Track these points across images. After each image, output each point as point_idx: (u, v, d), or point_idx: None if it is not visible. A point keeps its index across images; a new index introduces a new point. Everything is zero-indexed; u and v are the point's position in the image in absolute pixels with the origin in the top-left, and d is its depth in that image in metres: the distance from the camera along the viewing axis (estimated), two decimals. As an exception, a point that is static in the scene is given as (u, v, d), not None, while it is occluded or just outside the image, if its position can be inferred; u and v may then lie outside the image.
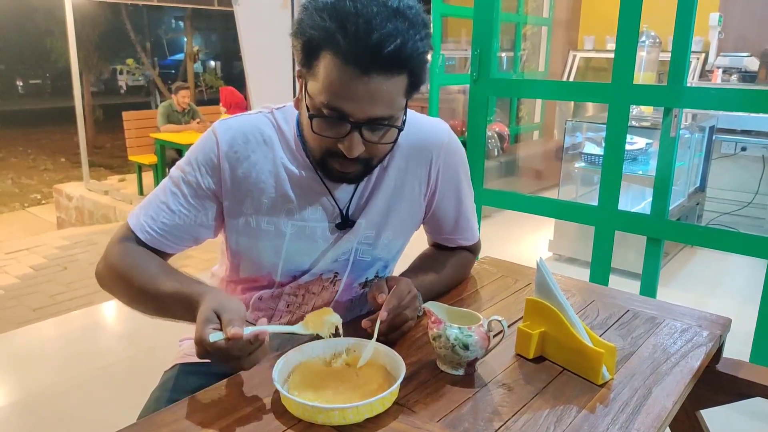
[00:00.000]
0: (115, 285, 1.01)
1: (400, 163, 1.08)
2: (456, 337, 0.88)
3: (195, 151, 1.02)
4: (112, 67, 15.52)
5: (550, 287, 0.94)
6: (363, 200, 1.06)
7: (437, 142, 1.11)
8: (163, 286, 0.93)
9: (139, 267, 0.98)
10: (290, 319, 1.10)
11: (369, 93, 0.84)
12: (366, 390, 0.82)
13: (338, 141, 0.89)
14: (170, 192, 1.01)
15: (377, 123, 0.88)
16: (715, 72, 4.52)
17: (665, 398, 0.86)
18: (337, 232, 1.06)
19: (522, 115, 6.04)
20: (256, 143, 1.01)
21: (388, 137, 0.92)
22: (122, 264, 0.99)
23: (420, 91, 0.95)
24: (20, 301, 3.56)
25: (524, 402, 0.85)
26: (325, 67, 0.84)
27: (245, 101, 5.62)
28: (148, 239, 1.01)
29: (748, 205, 4.12)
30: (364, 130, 0.88)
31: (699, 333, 1.06)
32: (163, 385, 1.13)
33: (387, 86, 0.85)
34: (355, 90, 0.84)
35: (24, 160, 10.69)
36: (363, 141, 0.89)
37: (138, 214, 1.03)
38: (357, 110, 0.86)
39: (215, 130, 1.01)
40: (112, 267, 1.00)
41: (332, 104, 0.86)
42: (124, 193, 6.16)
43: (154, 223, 1.01)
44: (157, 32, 17.36)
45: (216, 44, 19.09)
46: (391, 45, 0.81)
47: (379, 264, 1.13)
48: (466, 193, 1.19)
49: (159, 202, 1.01)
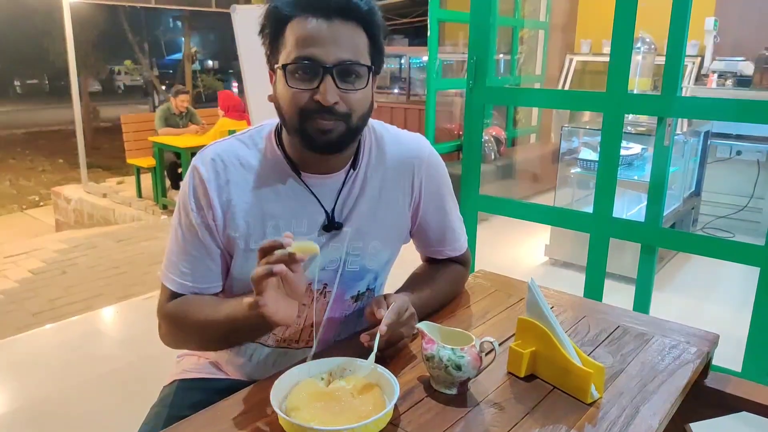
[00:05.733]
0: (185, 341, 1.10)
1: (383, 173, 1.11)
2: (449, 358, 0.90)
3: (184, 192, 1.05)
4: (109, 67, 15.53)
5: (541, 307, 0.96)
6: (348, 208, 1.09)
7: (418, 155, 1.15)
8: (218, 317, 0.99)
9: (193, 315, 1.02)
10: (284, 333, 1.12)
11: (333, 36, 0.93)
12: (361, 411, 0.84)
13: (314, 93, 0.94)
14: (183, 240, 1.05)
15: (346, 65, 0.94)
16: (711, 76, 4.55)
17: (651, 417, 0.88)
18: (325, 235, 1.07)
19: (519, 118, 6.06)
20: (233, 167, 1.04)
21: (359, 83, 0.97)
22: (179, 321, 1.04)
23: (418, 94, 0.99)
24: (20, 305, 3.58)
25: (515, 421, 0.87)
26: (291, 31, 0.95)
27: (243, 104, 5.64)
28: (189, 291, 1.06)
29: (743, 209, 4.15)
30: (335, 77, 0.94)
31: (687, 350, 1.09)
32: (162, 401, 1.15)
33: (348, 31, 0.94)
34: (320, 34, 0.93)
35: (22, 162, 10.69)
36: (337, 90, 0.94)
37: (169, 274, 1.06)
38: (325, 54, 0.93)
39: (194, 166, 1.05)
40: (173, 327, 1.06)
41: (302, 54, 0.93)
42: (122, 195, 6.18)
43: (185, 276, 1.05)
44: (155, 33, 17.36)
45: (214, 44, 19.08)
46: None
47: (369, 276, 1.15)
48: (450, 206, 1.22)
49: (180, 253, 1.05)
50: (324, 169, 1.06)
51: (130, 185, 6.39)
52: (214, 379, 1.18)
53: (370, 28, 0.97)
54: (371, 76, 0.99)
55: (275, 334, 1.11)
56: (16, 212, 7.72)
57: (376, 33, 0.98)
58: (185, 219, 1.05)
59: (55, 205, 6.61)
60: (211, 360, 1.20)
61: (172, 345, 1.10)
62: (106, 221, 5.82)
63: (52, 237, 5.38)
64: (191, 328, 1.03)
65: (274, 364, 1.13)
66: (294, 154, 1.05)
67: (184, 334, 1.06)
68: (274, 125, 1.08)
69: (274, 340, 1.12)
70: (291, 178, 1.05)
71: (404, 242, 1.22)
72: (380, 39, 0.99)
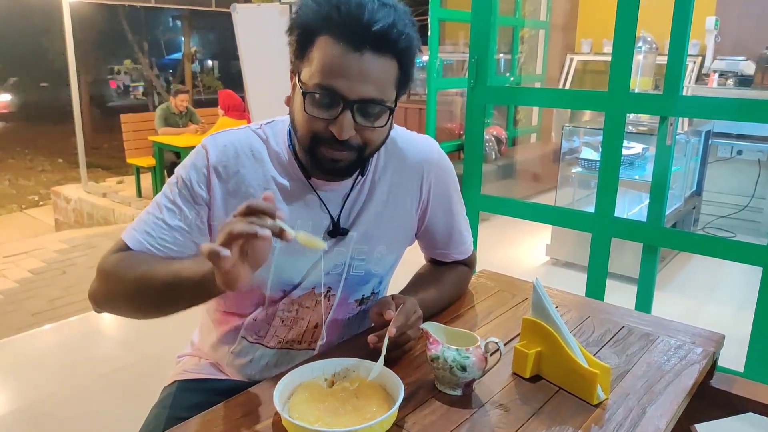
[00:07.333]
0: (114, 295, 0.98)
1: (392, 177, 1.10)
2: (454, 359, 0.89)
3: (186, 166, 1.01)
4: (109, 67, 15.51)
5: (546, 308, 0.96)
6: (355, 213, 1.07)
7: (428, 158, 1.13)
8: (160, 269, 0.91)
9: (134, 266, 0.94)
10: (287, 335, 1.11)
11: (361, 71, 0.88)
12: (365, 412, 0.84)
13: (330, 123, 0.91)
14: (166, 208, 1.00)
15: (368, 103, 0.90)
16: (712, 76, 4.54)
17: (659, 419, 0.87)
18: (329, 241, 1.06)
19: (519, 118, 6.06)
20: (245, 158, 1.01)
21: (379, 122, 0.93)
22: (117, 271, 0.95)
23: (418, 93, 0.97)
24: (20, 305, 3.57)
25: (521, 423, 0.86)
26: (319, 49, 0.89)
27: (243, 104, 5.62)
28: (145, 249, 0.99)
29: (744, 208, 4.15)
30: (355, 112, 0.90)
31: (693, 350, 1.08)
32: (162, 402, 1.14)
33: (378, 66, 0.88)
34: (348, 67, 0.87)
35: (21, 161, 10.67)
36: (354, 124, 0.91)
37: (134, 232, 0.99)
38: (349, 88, 0.88)
39: (204, 145, 1.01)
40: (107, 276, 0.97)
41: (325, 83, 0.89)
42: (122, 195, 6.16)
43: (153, 240, 0.98)
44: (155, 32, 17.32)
45: (214, 43, 19.03)
46: (381, 23, 0.86)
47: (374, 280, 1.14)
48: (458, 209, 1.21)
49: (155, 218, 0.99)
50: (332, 177, 1.03)
51: (130, 185, 6.38)
52: (214, 379, 1.16)
53: (404, 61, 0.92)
54: (392, 114, 0.96)
55: (278, 336, 1.10)
56: (15, 212, 7.70)
57: (409, 65, 0.93)
58: (174, 187, 1.00)
59: (55, 205, 6.59)
60: (211, 361, 1.19)
61: (100, 302, 0.99)
62: (106, 221, 5.81)
63: (52, 237, 5.37)
64: (128, 282, 0.93)
65: (276, 366, 1.11)
66: (304, 158, 1.02)
67: (117, 286, 0.96)
68: (287, 125, 1.05)
69: (276, 341, 1.10)
70: (299, 181, 1.03)
71: (409, 244, 1.20)
72: (412, 69, 0.95)
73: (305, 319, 1.10)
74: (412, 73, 0.95)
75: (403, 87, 0.96)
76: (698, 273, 3.53)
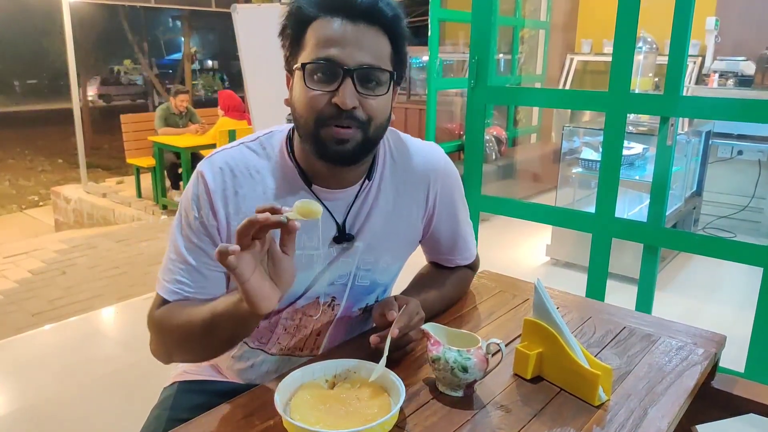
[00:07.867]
0: (170, 349, 1.00)
1: (398, 185, 1.09)
2: (455, 360, 0.89)
3: (188, 198, 1.00)
4: (109, 67, 15.50)
5: (548, 309, 0.95)
6: (360, 220, 1.06)
7: (434, 166, 1.12)
8: (198, 312, 0.92)
9: (176, 317, 0.96)
10: (289, 342, 1.10)
11: (357, 39, 0.91)
12: (366, 413, 0.83)
13: (332, 96, 0.91)
14: (188, 251, 0.98)
15: (367, 69, 0.91)
16: (712, 76, 4.54)
17: (660, 420, 0.87)
18: (335, 247, 1.05)
19: (519, 118, 6.06)
20: (242, 177, 0.99)
21: (380, 90, 0.94)
22: (163, 326, 0.97)
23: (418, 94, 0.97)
24: (20, 306, 3.56)
25: (522, 424, 0.86)
26: (312, 30, 0.92)
27: (243, 104, 5.62)
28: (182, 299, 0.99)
29: (744, 208, 4.15)
30: (356, 80, 0.91)
31: (694, 351, 1.08)
32: (162, 403, 1.14)
33: (372, 36, 0.92)
34: (343, 36, 0.90)
35: (21, 161, 10.67)
36: (356, 94, 0.91)
37: (166, 284, 0.99)
38: (347, 56, 0.90)
39: (200, 171, 0.99)
40: (157, 334, 0.99)
41: (323, 54, 0.91)
42: (122, 195, 6.16)
43: (187, 286, 0.98)
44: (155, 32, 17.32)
45: (214, 43, 19.03)
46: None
47: (379, 289, 1.14)
48: (462, 216, 1.20)
49: (180, 264, 0.98)
50: (336, 184, 1.02)
51: (130, 185, 6.38)
52: (214, 381, 1.16)
53: (394, 36, 0.94)
54: (392, 83, 0.96)
55: (280, 343, 1.10)
56: (15, 212, 7.70)
57: (400, 41, 0.95)
58: (185, 225, 0.99)
59: (55, 205, 6.59)
60: (211, 363, 1.18)
61: (162, 357, 1.02)
62: (106, 221, 5.81)
63: (52, 237, 5.37)
64: (175, 332, 0.95)
65: (276, 372, 1.10)
66: (306, 165, 1.01)
67: (168, 339, 0.98)
68: (285, 132, 1.04)
69: (278, 348, 1.10)
70: (302, 191, 1.02)
71: (413, 251, 1.20)
72: (404, 48, 0.97)
73: (308, 328, 1.10)
74: (404, 51, 0.97)
75: (399, 66, 0.96)
76: (698, 273, 3.53)
